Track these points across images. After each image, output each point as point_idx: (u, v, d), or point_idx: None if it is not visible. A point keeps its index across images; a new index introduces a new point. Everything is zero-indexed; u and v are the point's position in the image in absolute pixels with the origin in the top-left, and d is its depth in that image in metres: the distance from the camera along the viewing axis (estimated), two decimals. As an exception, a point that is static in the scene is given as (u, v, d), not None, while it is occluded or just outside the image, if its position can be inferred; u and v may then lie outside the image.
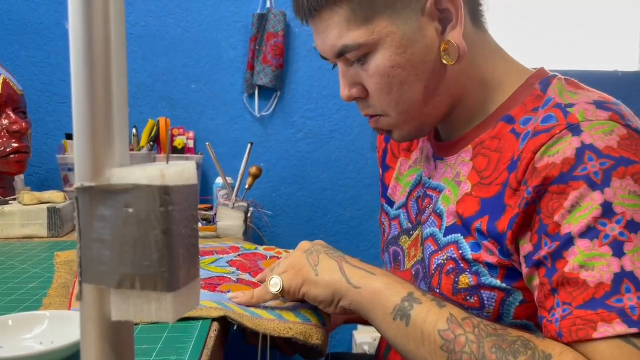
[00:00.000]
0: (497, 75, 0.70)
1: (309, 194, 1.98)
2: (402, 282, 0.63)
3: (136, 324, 0.60)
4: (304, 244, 0.73)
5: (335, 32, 0.65)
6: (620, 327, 0.50)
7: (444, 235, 0.68)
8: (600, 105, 0.59)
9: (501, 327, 0.56)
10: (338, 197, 1.98)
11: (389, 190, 0.87)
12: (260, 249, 1.02)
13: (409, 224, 0.80)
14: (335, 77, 1.95)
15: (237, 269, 0.86)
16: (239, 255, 0.95)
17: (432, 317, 0.58)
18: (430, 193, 0.75)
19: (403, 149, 0.87)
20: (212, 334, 0.59)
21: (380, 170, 0.92)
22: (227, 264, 0.89)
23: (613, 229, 0.53)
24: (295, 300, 0.71)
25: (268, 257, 0.96)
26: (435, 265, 0.68)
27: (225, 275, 0.82)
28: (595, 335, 0.50)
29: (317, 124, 1.96)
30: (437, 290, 0.67)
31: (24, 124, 1.29)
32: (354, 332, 1.96)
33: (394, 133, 0.73)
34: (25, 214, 1.14)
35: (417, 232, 0.76)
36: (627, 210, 0.53)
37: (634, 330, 0.49)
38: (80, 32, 0.26)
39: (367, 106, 0.71)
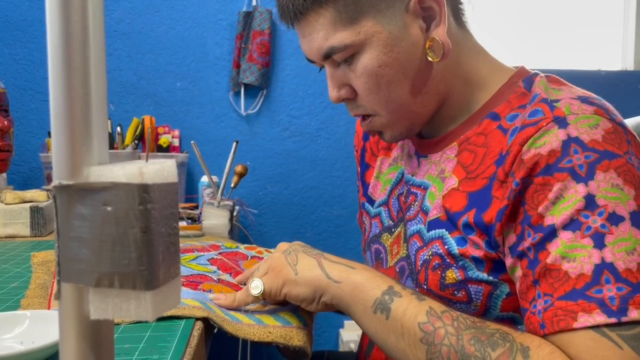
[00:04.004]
0: (481, 73, 0.71)
1: (296, 192, 1.98)
2: (383, 276, 0.64)
3: (119, 324, 0.60)
4: (282, 245, 0.73)
5: (321, 34, 0.66)
6: (600, 318, 0.51)
7: (428, 230, 0.69)
8: (585, 100, 0.60)
9: (480, 320, 0.57)
10: (325, 195, 1.99)
11: (370, 189, 0.87)
12: (242, 248, 1.01)
13: (390, 221, 0.80)
14: (322, 75, 1.95)
15: (218, 269, 0.86)
16: (220, 253, 0.95)
17: (412, 310, 0.58)
18: (414, 190, 0.75)
19: (382, 147, 0.87)
20: (196, 333, 0.59)
21: (359, 168, 0.92)
22: (208, 262, 0.88)
23: (595, 221, 0.53)
24: (277, 303, 0.71)
25: (249, 257, 0.95)
26: (421, 262, 0.69)
27: (206, 273, 0.82)
28: (575, 325, 0.51)
29: (303, 123, 1.96)
30: (425, 287, 0.68)
31: (6, 122, 1.27)
32: (341, 330, 1.97)
33: (386, 134, 0.73)
34: (7, 214, 1.13)
35: (399, 229, 0.77)
36: (610, 203, 0.54)
37: (613, 320, 0.50)
38: (58, 29, 0.26)
39: (357, 106, 0.71)
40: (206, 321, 0.63)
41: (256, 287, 0.68)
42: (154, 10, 1.88)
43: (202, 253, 0.94)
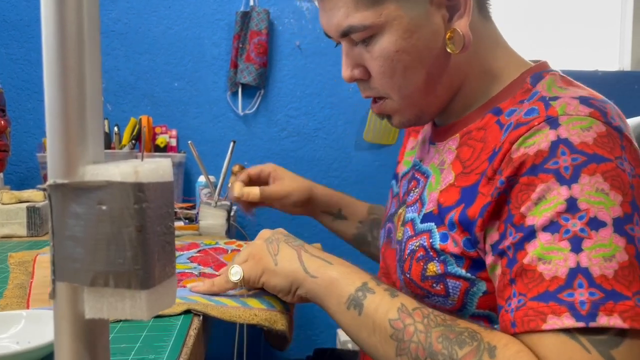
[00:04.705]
0: (498, 66, 0.70)
1: (293, 192, 1.98)
2: (359, 272, 0.64)
3: (116, 322, 0.60)
4: (265, 233, 0.74)
5: (342, 11, 0.65)
6: (568, 321, 0.50)
7: (421, 222, 0.69)
8: (584, 101, 0.59)
9: (451, 319, 0.57)
10: (322, 195, 1.98)
11: (398, 167, 0.90)
12: (221, 243, 1.02)
13: (399, 202, 0.81)
14: (320, 76, 1.95)
15: (199, 265, 0.86)
16: (199, 251, 0.95)
17: (384, 306, 0.59)
18: (418, 177, 0.76)
19: (413, 130, 0.90)
20: (192, 332, 0.58)
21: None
22: (188, 261, 0.89)
23: (575, 224, 0.53)
24: (256, 289, 0.72)
25: (229, 251, 0.96)
26: (409, 251, 0.69)
27: (187, 271, 0.82)
28: (544, 327, 0.51)
29: (301, 123, 1.96)
30: (408, 275, 0.69)
31: (2, 122, 1.27)
32: (338, 330, 1.96)
33: (394, 118, 0.73)
34: (4, 213, 1.13)
35: (400, 210, 0.78)
36: (592, 207, 0.53)
37: (581, 324, 0.50)
38: (53, 28, 0.26)
39: (368, 88, 0.71)
40: (203, 320, 0.63)
41: (236, 273, 0.68)
42: (152, 10, 1.87)
43: (181, 252, 0.94)
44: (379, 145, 1.99)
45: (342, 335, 1.91)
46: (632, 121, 0.90)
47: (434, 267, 0.65)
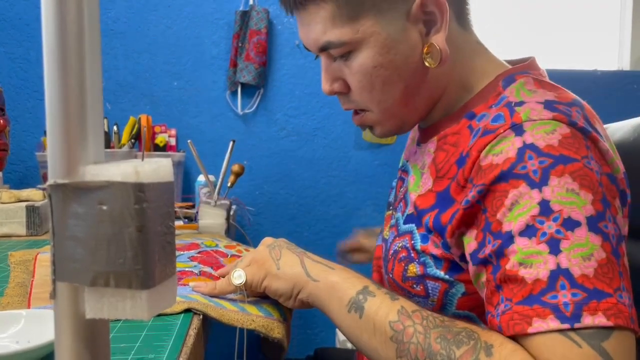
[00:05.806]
0: (476, 74, 0.71)
1: (292, 192, 1.98)
2: (359, 277, 0.65)
3: (116, 321, 0.60)
4: (267, 240, 0.75)
5: (319, 27, 0.66)
6: (553, 323, 0.50)
7: (404, 223, 0.70)
8: (549, 105, 0.59)
9: (449, 320, 0.57)
10: (321, 195, 1.99)
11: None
12: (221, 247, 1.02)
13: (391, 199, 0.83)
14: (319, 75, 1.95)
15: (199, 264, 0.87)
16: (199, 252, 0.96)
17: (384, 309, 0.59)
18: (403, 176, 0.78)
19: None
20: (192, 332, 0.58)
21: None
22: (188, 260, 0.90)
23: (550, 226, 0.53)
24: (257, 295, 0.72)
25: (229, 255, 0.97)
26: (392, 251, 0.70)
27: (187, 269, 0.83)
28: (529, 330, 0.51)
29: (300, 122, 1.96)
30: (390, 275, 0.70)
31: (2, 121, 1.27)
32: (337, 329, 1.96)
33: (376, 129, 0.74)
34: (3, 213, 1.12)
35: (391, 209, 0.80)
36: (564, 208, 0.53)
37: (565, 326, 0.50)
38: (53, 27, 0.25)
39: (349, 101, 0.72)
40: (203, 320, 0.63)
41: (239, 276, 0.69)
42: (151, 9, 1.87)
43: (182, 252, 0.94)
44: (378, 144, 1.99)
45: (341, 335, 1.91)
46: (631, 121, 0.90)
47: (414, 268, 0.66)
